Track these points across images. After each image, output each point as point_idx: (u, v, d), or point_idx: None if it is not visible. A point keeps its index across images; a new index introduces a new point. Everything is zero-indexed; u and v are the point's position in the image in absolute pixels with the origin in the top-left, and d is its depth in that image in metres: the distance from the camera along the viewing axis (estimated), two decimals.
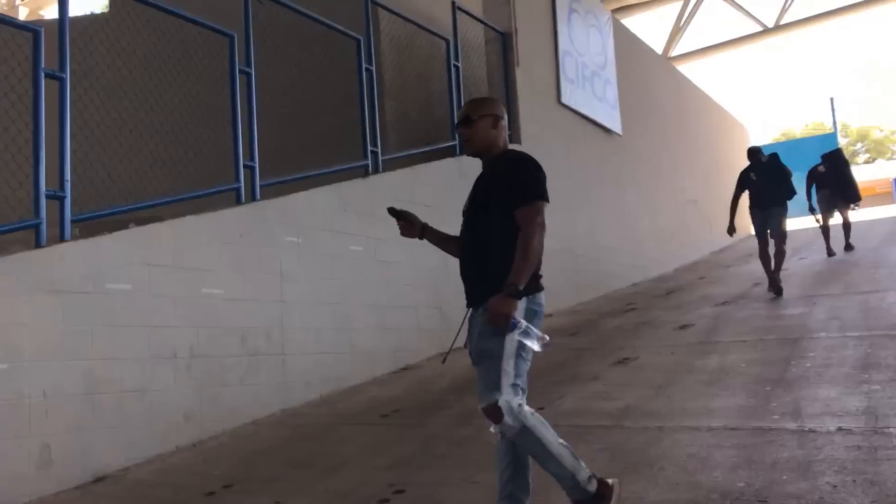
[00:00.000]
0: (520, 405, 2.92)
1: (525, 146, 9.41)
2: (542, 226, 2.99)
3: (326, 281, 6.43)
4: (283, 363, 5.95)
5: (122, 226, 6.00)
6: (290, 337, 6.02)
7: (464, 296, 3.22)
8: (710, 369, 5.40)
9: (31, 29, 4.74)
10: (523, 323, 2.91)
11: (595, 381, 5.54)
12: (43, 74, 4.71)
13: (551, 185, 3.07)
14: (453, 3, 8.87)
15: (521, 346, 2.94)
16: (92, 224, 6.33)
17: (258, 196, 6.07)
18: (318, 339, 6.26)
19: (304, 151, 7.55)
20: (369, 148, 7.29)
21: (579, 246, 10.44)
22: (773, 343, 5.96)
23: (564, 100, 10.51)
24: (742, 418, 4.17)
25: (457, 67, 8.74)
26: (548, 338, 2.99)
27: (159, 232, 5.26)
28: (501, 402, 2.90)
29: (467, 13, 9.13)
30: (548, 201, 3.05)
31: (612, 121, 11.82)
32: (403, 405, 5.54)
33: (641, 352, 6.30)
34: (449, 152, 8.50)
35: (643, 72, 13.83)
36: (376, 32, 8.66)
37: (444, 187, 8.04)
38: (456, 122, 3.28)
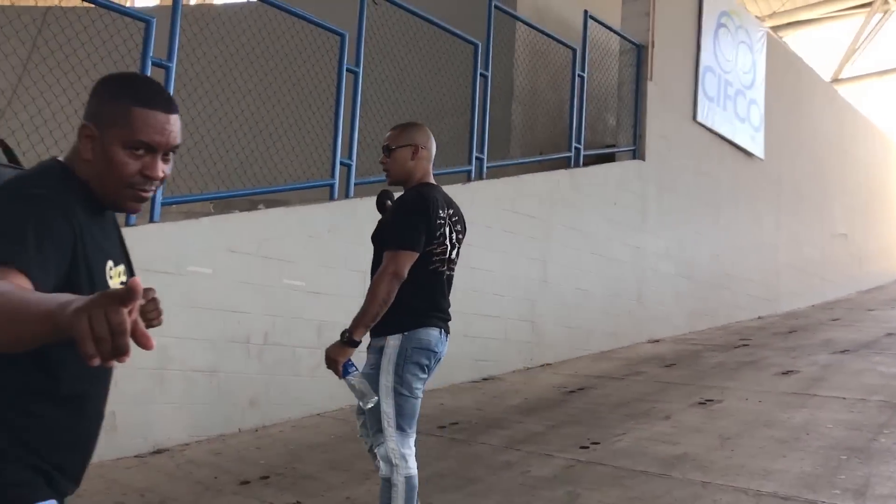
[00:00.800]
0: (397, 463, 2.90)
1: (649, 162, 9.10)
2: (395, 275, 2.92)
3: None
4: (356, 358, 6.03)
5: (254, 206, 6.31)
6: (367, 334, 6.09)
7: (561, 312, 3.16)
8: (792, 425, 5.00)
9: (144, 19, 5.03)
10: (357, 373, 2.97)
11: (665, 420, 5.27)
12: (151, 63, 5.00)
13: (673, 205, 2.92)
14: (585, 13, 8.67)
15: (399, 382, 2.92)
16: (229, 202, 6.69)
17: (352, 193, 6.17)
18: None
19: None
20: (474, 154, 7.24)
21: (700, 271, 9.97)
22: (873, 405, 5.45)
23: (700, 118, 10.03)
24: (799, 487, 3.83)
25: (581, 77, 8.54)
26: (375, 399, 2.96)
27: (246, 221, 5.46)
28: (380, 451, 2.92)
29: (600, 23, 8.90)
30: (415, 251, 2.97)
31: (754, 143, 11.18)
32: (464, 418, 5.49)
33: (729, 395, 5.93)
34: (562, 163, 8.31)
35: (799, 94, 12.99)
36: (510, 37, 8.62)
37: (552, 199, 7.89)
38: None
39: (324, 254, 5.83)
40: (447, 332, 3.12)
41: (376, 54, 7.07)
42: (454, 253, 3.14)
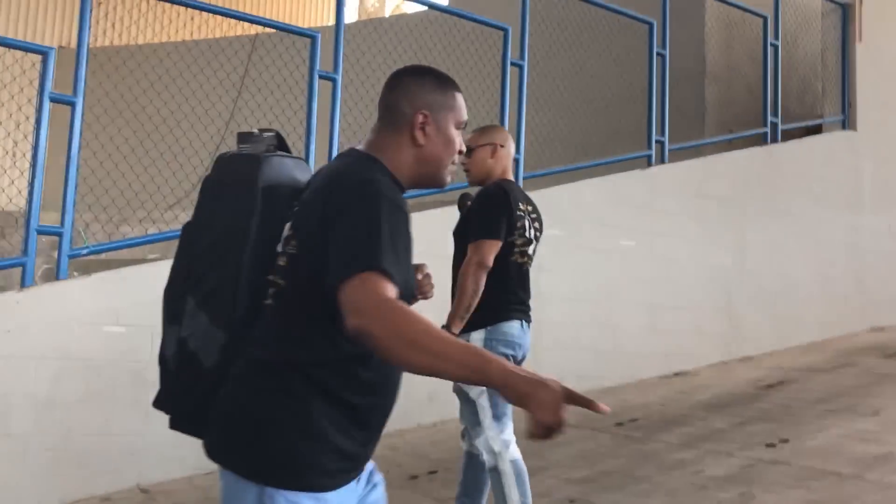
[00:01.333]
0: (500, 450, 2.94)
1: (862, 133, 8.26)
2: (480, 264, 2.97)
3: (589, 276, 6.28)
4: (534, 356, 5.96)
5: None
6: (543, 330, 5.97)
7: (762, 300, 3.21)
8: None
9: (310, 35, 5.31)
10: None
11: (873, 416, 4.72)
12: (318, 76, 5.25)
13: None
14: None
15: None
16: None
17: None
18: (576, 335, 6.15)
19: (591, 142, 7.40)
20: (654, 137, 6.90)
21: None
22: None
23: None
24: None
25: (774, 46, 7.88)
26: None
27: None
28: (480, 442, 2.96)
29: None
30: (497, 240, 3.02)
31: None
32: (645, 414, 5.25)
33: None
34: (759, 141, 7.71)
35: None
36: (698, 12, 8.17)
37: (746, 179, 7.36)
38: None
39: None
40: (528, 322, 3.21)
41: (545, 46, 6.96)
42: (531, 249, 3.20)
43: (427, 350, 1.35)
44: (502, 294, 3.05)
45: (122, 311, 4.44)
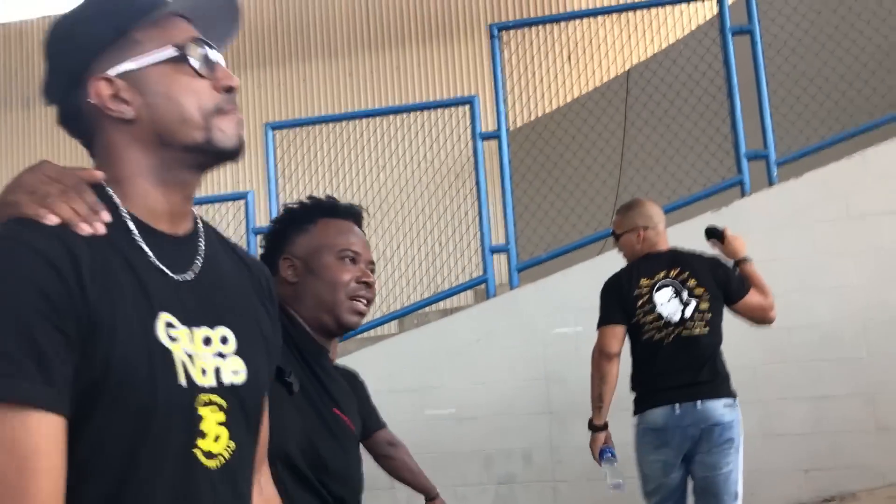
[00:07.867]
0: None
1: None
2: (601, 353, 3.11)
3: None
4: (553, 491, 4.69)
5: None
6: (563, 458, 4.66)
7: None
8: None
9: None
10: (610, 457, 3.09)
11: None
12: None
13: None
14: None
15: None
16: None
17: (516, 282, 4.95)
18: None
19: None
20: (742, 153, 4.70)
21: None
22: None
23: None
24: None
25: None
26: (619, 482, 3.05)
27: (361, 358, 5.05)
28: None
29: None
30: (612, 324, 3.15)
31: None
32: None
33: None
34: None
35: None
36: None
37: None
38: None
39: (475, 369, 4.84)
40: (690, 399, 2.94)
41: None
42: (678, 316, 3.03)
43: None
44: (646, 379, 3.08)
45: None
